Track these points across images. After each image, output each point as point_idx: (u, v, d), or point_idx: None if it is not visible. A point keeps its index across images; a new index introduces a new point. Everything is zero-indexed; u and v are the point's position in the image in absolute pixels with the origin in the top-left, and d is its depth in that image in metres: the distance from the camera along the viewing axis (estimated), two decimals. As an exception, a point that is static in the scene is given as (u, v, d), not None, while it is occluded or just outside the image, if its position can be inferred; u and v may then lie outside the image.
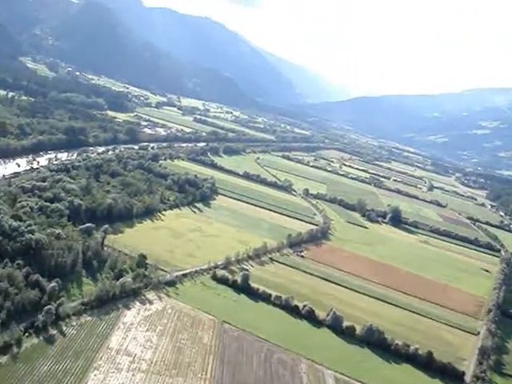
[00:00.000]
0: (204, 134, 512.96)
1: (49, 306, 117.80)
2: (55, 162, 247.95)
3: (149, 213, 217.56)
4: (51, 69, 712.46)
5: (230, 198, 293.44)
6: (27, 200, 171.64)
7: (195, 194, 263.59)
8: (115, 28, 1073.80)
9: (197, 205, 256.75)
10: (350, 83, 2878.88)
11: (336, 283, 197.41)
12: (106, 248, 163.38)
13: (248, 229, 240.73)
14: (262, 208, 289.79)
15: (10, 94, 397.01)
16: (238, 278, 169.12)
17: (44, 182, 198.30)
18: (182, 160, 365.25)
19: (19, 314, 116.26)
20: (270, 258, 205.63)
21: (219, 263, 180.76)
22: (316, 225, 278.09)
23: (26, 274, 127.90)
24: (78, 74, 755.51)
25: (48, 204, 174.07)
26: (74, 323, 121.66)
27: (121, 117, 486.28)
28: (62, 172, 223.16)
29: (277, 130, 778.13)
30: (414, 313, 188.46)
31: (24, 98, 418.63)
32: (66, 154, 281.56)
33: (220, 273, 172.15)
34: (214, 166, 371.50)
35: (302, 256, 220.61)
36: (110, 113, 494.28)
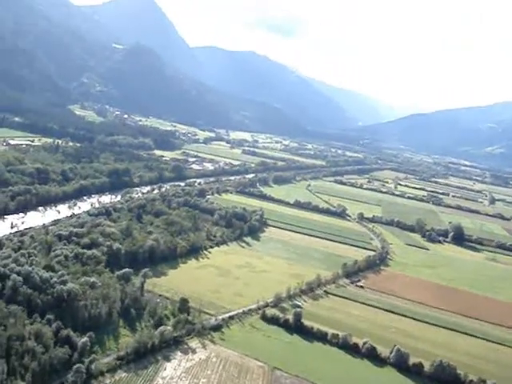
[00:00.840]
0: (253, 165, 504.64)
1: (79, 365, 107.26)
2: (97, 206, 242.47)
3: (194, 251, 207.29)
4: (99, 114, 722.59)
5: (281, 228, 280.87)
6: (62, 248, 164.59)
7: (243, 227, 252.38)
8: (161, 69, 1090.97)
9: (245, 239, 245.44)
10: (398, 102, 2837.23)
11: (399, 314, 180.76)
12: (145, 294, 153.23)
13: (300, 261, 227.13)
14: (315, 237, 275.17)
15: (57, 142, 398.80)
16: (290, 317, 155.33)
17: (82, 227, 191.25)
18: (230, 193, 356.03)
19: (47, 374, 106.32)
20: (325, 291, 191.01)
21: (269, 301, 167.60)
22: (373, 250, 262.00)
23: (56, 330, 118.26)
24: (126, 116, 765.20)
25: (84, 251, 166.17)
26: (108, 381, 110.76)
27: (168, 155, 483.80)
28: (102, 215, 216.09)
29: (327, 155, 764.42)
30: (489, 341, 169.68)
31: (71, 143, 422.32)
32: (109, 196, 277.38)
33: (270, 312, 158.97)
34: (263, 196, 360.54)
35: (360, 286, 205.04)
36: (158, 152, 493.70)
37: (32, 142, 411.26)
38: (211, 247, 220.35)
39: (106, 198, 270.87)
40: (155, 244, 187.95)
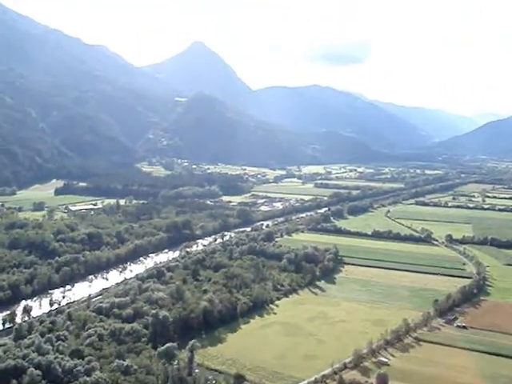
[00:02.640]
0: (325, 198, 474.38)
1: None
2: (151, 266, 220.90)
3: (257, 307, 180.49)
4: (167, 168, 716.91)
5: (359, 265, 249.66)
6: (97, 326, 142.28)
7: (314, 270, 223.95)
8: (225, 115, 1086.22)
9: (318, 283, 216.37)
10: (472, 110, 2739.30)
11: (509, 356, 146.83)
12: (195, 371, 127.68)
13: (383, 302, 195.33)
14: (398, 270, 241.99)
15: (118, 202, 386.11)
16: (374, 381, 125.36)
17: (127, 295, 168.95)
18: (302, 232, 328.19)
19: None
20: (416, 338, 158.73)
21: (347, 361, 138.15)
22: (468, 277, 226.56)
23: None
24: (194, 167, 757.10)
25: (123, 326, 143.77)
26: None
27: (236, 200, 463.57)
28: (152, 278, 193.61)
29: (406, 177, 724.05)
30: None
31: (134, 201, 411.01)
32: (167, 253, 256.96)
33: (348, 376, 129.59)
34: (337, 231, 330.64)
35: (460, 326, 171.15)
36: (225, 198, 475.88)
37: (95, 205, 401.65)
38: (278, 299, 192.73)
39: (164, 256, 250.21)
40: (209, 306, 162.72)
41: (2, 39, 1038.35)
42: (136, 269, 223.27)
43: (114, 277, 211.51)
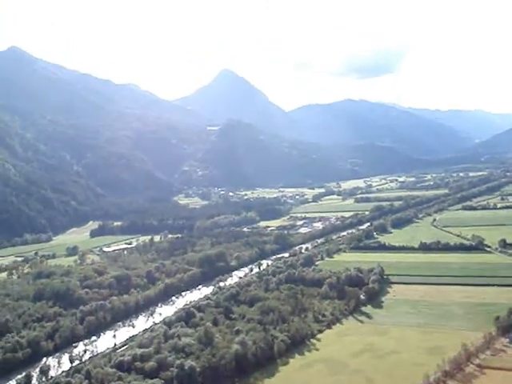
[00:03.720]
0: (367, 212, 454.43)
1: None
2: (179, 307, 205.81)
3: (297, 344, 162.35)
4: (203, 198, 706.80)
5: (407, 283, 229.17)
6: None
7: (359, 295, 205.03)
8: (258, 139, 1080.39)
9: (363, 309, 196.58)
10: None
11: None
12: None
13: (437, 324, 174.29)
14: (451, 285, 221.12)
15: (151, 239, 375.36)
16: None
17: (151, 344, 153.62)
18: (344, 252, 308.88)
19: None
20: (478, 366, 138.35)
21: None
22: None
23: None
24: (231, 194, 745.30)
25: (144, 383, 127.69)
26: None
27: (274, 224, 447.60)
28: (180, 321, 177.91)
29: (449, 182, 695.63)
30: None
31: (170, 236, 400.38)
32: (199, 290, 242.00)
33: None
34: (381, 247, 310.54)
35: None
36: (263, 223, 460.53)
37: (129, 244, 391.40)
38: (320, 331, 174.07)
39: (196, 294, 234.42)
40: (242, 349, 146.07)
41: (33, 88, 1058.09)
42: (165, 311, 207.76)
43: (141, 323, 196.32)
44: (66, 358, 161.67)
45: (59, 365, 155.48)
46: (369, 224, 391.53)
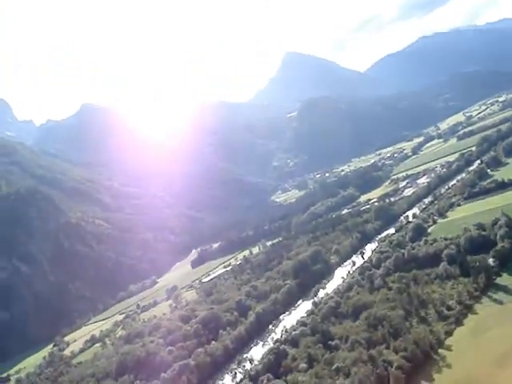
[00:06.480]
0: (473, 148, 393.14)
1: None
2: (270, 347, 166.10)
3: (420, 363, 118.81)
4: (300, 188, 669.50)
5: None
6: None
7: (487, 263, 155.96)
8: (340, 108, 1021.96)
9: (499, 282, 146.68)
10: None
11: None
12: None
13: None
14: None
15: (246, 254, 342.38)
16: None
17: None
18: (458, 206, 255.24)
19: None
20: None
21: None
22: None
23: None
24: (327, 175, 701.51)
25: None
26: None
27: (375, 195, 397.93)
28: (267, 372, 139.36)
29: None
30: None
31: (269, 242, 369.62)
32: (298, 308, 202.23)
33: None
34: (500, 186, 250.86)
35: None
36: (363, 197, 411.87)
37: (228, 266, 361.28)
38: (448, 333, 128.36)
39: (294, 315, 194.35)
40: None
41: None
42: (256, 353, 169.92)
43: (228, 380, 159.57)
44: None
45: None
46: (479, 162, 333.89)
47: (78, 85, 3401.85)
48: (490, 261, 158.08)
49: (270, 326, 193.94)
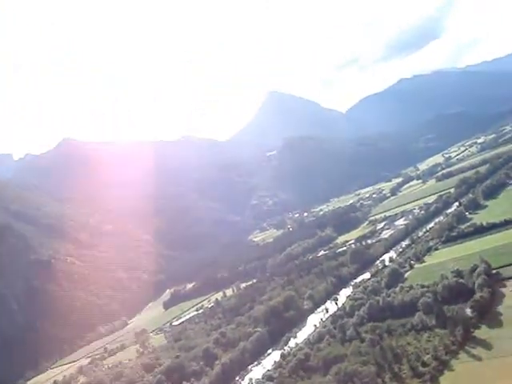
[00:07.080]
0: (452, 190, 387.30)
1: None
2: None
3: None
4: (279, 227, 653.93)
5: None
6: None
7: (465, 314, 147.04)
8: (322, 148, 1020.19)
9: (477, 334, 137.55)
10: None
11: None
12: None
13: None
14: None
15: (218, 297, 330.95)
16: None
17: None
18: (435, 250, 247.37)
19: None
20: None
21: None
22: None
23: None
24: (305, 214, 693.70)
25: None
26: None
27: (352, 236, 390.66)
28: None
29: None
30: None
31: (243, 284, 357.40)
32: (267, 357, 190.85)
33: None
34: (479, 230, 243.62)
35: None
36: (341, 238, 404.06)
37: (200, 309, 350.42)
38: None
39: (266, 364, 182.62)
40: None
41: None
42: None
43: None
44: None
45: None
46: (457, 204, 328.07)
47: (58, 118, 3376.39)
48: (468, 311, 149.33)
49: (237, 378, 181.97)
